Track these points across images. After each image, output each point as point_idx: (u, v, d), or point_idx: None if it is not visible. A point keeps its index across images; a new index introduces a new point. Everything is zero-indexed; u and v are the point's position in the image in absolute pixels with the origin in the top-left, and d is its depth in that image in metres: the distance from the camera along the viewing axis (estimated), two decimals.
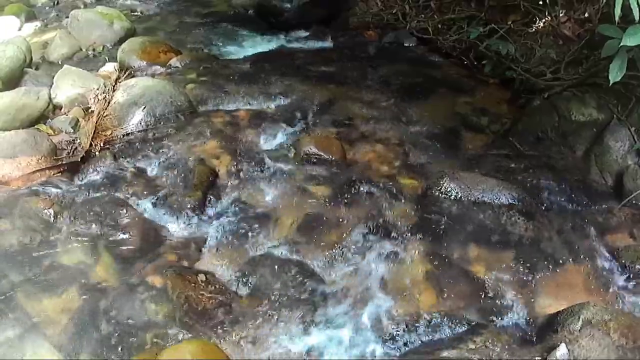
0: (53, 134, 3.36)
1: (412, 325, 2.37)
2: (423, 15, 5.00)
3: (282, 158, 3.29)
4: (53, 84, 3.70)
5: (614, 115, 3.26)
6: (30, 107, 3.43)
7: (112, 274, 2.54)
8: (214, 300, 2.43)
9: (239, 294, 2.50)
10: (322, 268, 2.63)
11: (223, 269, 2.62)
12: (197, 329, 2.32)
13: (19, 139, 3.11)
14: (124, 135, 3.43)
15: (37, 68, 4.39)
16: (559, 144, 3.41)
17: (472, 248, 2.72)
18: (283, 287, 2.51)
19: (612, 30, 2.85)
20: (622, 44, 2.68)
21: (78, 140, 3.32)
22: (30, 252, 2.60)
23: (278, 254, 2.69)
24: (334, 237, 2.77)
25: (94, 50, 4.87)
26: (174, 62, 4.45)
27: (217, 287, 2.51)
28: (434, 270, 2.61)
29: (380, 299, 2.48)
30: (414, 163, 3.34)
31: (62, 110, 3.60)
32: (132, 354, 2.20)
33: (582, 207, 3.01)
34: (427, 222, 2.85)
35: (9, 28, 5.33)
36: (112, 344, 2.23)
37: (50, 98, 3.59)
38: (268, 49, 4.97)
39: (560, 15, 3.88)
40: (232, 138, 3.43)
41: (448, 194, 2.97)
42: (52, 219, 2.77)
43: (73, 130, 3.40)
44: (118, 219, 2.78)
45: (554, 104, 3.50)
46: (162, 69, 4.36)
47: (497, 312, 2.44)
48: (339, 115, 3.77)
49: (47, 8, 6.24)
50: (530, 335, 2.32)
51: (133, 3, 6.22)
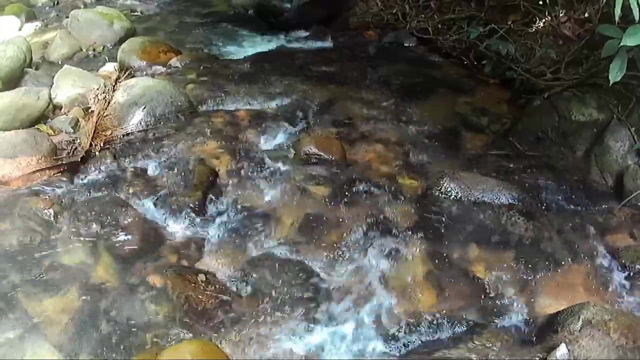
0: (53, 134, 3.36)
1: (412, 325, 2.38)
2: (423, 15, 5.00)
3: (282, 158, 3.29)
4: (53, 84, 3.70)
5: (614, 116, 3.27)
6: (31, 107, 3.43)
7: (112, 274, 2.54)
8: (214, 300, 2.43)
9: (239, 294, 2.50)
10: (322, 268, 2.63)
11: (223, 269, 2.62)
12: (197, 329, 2.32)
13: (19, 139, 3.11)
14: (124, 135, 3.43)
15: (37, 68, 4.39)
16: (559, 144, 3.41)
17: (472, 248, 2.72)
18: (283, 287, 2.51)
19: (612, 30, 2.85)
20: (622, 44, 2.68)
21: (78, 140, 3.32)
22: (31, 252, 2.60)
23: (278, 254, 2.69)
24: (334, 237, 2.77)
25: (94, 50, 4.87)
26: (174, 62, 4.45)
27: (217, 287, 2.51)
28: (434, 270, 2.61)
29: (381, 299, 2.48)
30: (414, 163, 3.34)
31: (62, 110, 3.60)
32: (132, 354, 2.20)
33: (582, 207, 3.02)
34: (427, 222, 2.85)
35: (9, 28, 5.34)
36: (112, 344, 2.23)
37: (51, 98, 3.59)
38: (268, 49, 4.97)
39: (560, 15, 3.88)
40: (232, 138, 3.43)
41: (448, 194, 2.97)
42: (52, 219, 2.77)
43: (73, 130, 3.40)
44: (118, 219, 2.78)
45: (554, 104, 3.50)
46: (162, 69, 4.36)
47: (497, 312, 2.44)
48: (339, 115, 3.77)
49: (47, 8, 6.25)
50: (530, 335, 2.31)
51: (133, 3, 6.22)
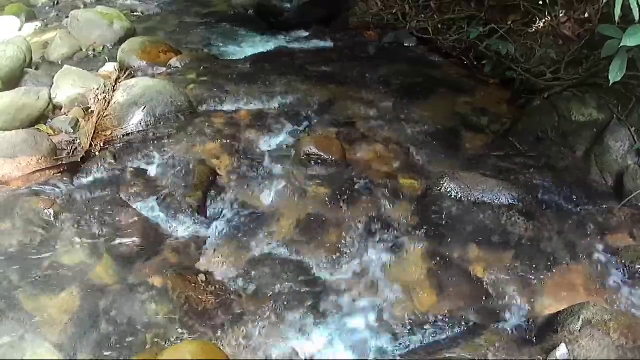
0: (53, 134, 3.35)
1: (412, 325, 2.38)
2: (423, 15, 5.00)
3: (282, 158, 3.29)
4: (53, 84, 3.69)
5: (614, 116, 3.26)
6: (31, 107, 3.43)
7: (112, 274, 2.54)
8: (215, 300, 2.43)
9: (240, 294, 2.50)
10: (322, 268, 2.63)
11: (223, 269, 2.62)
12: (197, 329, 2.32)
13: (19, 139, 3.11)
14: (124, 136, 3.43)
15: (37, 68, 4.39)
16: (559, 144, 3.41)
17: (472, 248, 2.72)
18: (283, 287, 2.51)
19: (612, 31, 2.85)
20: (622, 44, 2.68)
21: (78, 141, 3.32)
22: (31, 252, 2.60)
23: (278, 254, 2.69)
24: (334, 237, 2.77)
25: (94, 51, 4.87)
26: (174, 62, 4.45)
27: (217, 287, 2.51)
28: (435, 270, 2.61)
29: (381, 299, 2.49)
30: (414, 163, 3.34)
31: (62, 111, 3.60)
32: (132, 354, 2.20)
33: (582, 207, 3.02)
34: (427, 222, 2.85)
35: (9, 28, 5.33)
36: (112, 344, 2.23)
37: (51, 98, 3.59)
38: (268, 49, 4.97)
39: (561, 15, 3.88)
40: (232, 138, 3.43)
41: (448, 194, 2.97)
42: (52, 219, 2.77)
43: (73, 131, 3.40)
44: (118, 219, 2.78)
45: (554, 104, 3.50)
46: (162, 69, 4.36)
47: (497, 312, 2.44)
48: (339, 115, 3.77)
49: (47, 8, 6.25)
50: (530, 336, 2.31)
51: (133, 3, 6.21)
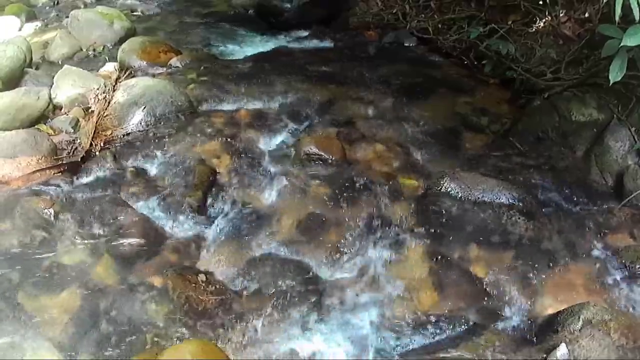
0: (53, 134, 3.36)
1: (412, 325, 2.38)
2: (423, 15, 5.00)
3: (282, 158, 3.29)
4: (53, 84, 3.70)
5: (614, 115, 3.26)
6: (31, 107, 3.43)
7: (112, 274, 2.54)
8: (215, 300, 2.43)
9: (240, 294, 2.50)
10: (322, 268, 2.63)
11: (224, 269, 2.62)
12: (197, 329, 2.32)
13: (19, 139, 3.11)
14: (124, 135, 3.43)
15: (37, 68, 4.39)
16: (559, 144, 3.40)
17: (472, 248, 2.72)
18: (283, 287, 2.51)
19: (612, 30, 2.85)
20: (622, 44, 2.68)
21: (78, 140, 3.32)
22: (31, 251, 2.61)
23: (278, 254, 2.69)
24: (334, 237, 2.77)
25: (94, 50, 4.87)
26: (174, 62, 4.45)
27: (217, 287, 2.51)
28: (435, 270, 2.61)
29: (381, 299, 2.49)
30: (414, 163, 3.34)
31: (62, 110, 3.60)
32: (132, 354, 2.20)
33: (582, 207, 3.01)
34: (427, 221, 2.84)
35: (9, 28, 5.33)
36: (112, 344, 2.23)
37: (51, 98, 3.59)
38: (268, 49, 4.96)
39: (561, 15, 3.88)
40: (232, 138, 3.42)
41: (448, 194, 2.97)
42: (52, 219, 2.77)
43: (73, 130, 3.40)
44: (118, 219, 2.78)
45: (554, 104, 3.50)
46: (162, 69, 4.36)
47: (497, 312, 2.44)
48: (339, 115, 3.77)
49: (47, 8, 6.25)
50: (531, 335, 2.32)
51: (133, 3, 6.21)
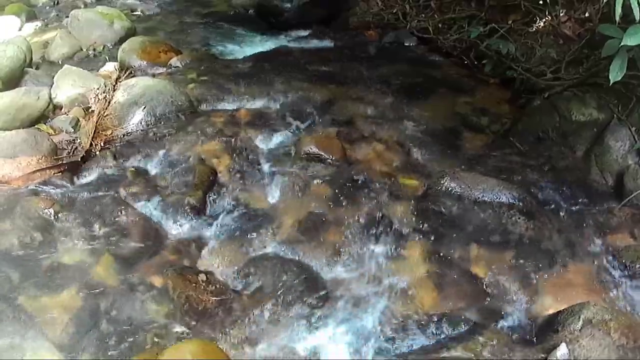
0: (53, 134, 3.36)
1: (412, 325, 2.37)
2: (423, 15, 4.99)
3: (282, 158, 3.29)
4: (53, 84, 3.70)
5: (615, 115, 3.26)
6: (31, 106, 3.43)
7: (112, 274, 2.53)
8: (215, 300, 2.43)
9: (240, 294, 2.50)
10: (322, 268, 2.63)
11: (224, 269, 2.62)
12: (197, 329, 2.32)
13: (19, 139, 3.11)
14: (125, 135, 3.43)
15: (37, 68, 4.39)
16: (560, 144, 3.40)
17: (472, 248, 2.72)
18: (284, 286, 2.51)
19: (612, 30, 2.85)
20: (622, 44, 2.68)
21: (78, 140, 3.32)
22: (31, 251, 2.60)
23: (278, 254, 2.69)
24: (335, 236, 2.77)
25: (95, 50, 4.87)
26: (175, 61, 4.45)
27: (217, 286, 2.51)
28: (435, 270, 2.61)
29: (381, 299, 2.48)
30: (415, 163, 3.34)
31: (62, 110, 3.60)
32: (132, 354, 2.20)
33: (582, 207, 3.01)
34: (427, 221, 2.84)
35: (10, 28, 5.33)
36: (112, 344, 2.23)
37: (51, 98, 3.59)
38: (268, 49, 4.96)
39: (561, 15, 3.88)
40: (232, 137, 3.42)
41: (449, 194, 2.97)
42: (52, 219, 2.77)
43: (73, 130, 3.40)
44: (118, 219, 2.78)
45: (555, 104, 3.50)
46: (162, 69, 4.36)
47: (497, 311, 2.44)
48: (339, 115, 3.76)
49: (47, 8, 6.25)
50: (531, 335, 2.32)
51: (133, 3, 6.22)
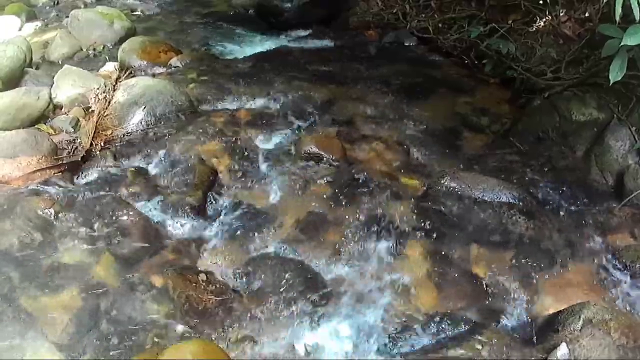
0: (53, 134, 3.36)
1: (412, 325, 2.37)
2: (423, 15, 4.99)
3: (282, 157, 3.29)
4: (53, 84, 3.70)
5: (615, 115, 3.26)
6: (31, 106, 3.43)
7: (112, 274, 2.53)
8: (215, 300, 2.43)
9: (240, 294, 2.50)
10: (322, 267, 2.63)
11: (224, 268, 2.62)
12: (198, 329, 2.32)
13: (20, 139, 3.11)
14: (125, 135, 3.43)
15: (37, 68, 4.39)
16: (560, 144, 3.40)
17: (472, 247, 2.72)
18: (284, 286, 2.51)
19: (612, 30, 2.85)
20: (622, 44, 2.68)
21: (78, 140, 3.32)
22: (31, 251, 2.60)
23: (279, 253, 2.69)
24: (335, 236, 2.77)
25: (95, 50, 4.87)
26: (175, 61, 4.45)
27: (218, 286, 2.51)
28: (435, 270, 2.61)
29: (381, 298, 2.48)
30: (415, 162, 3.34)
31: (62, 110, 3.60)
32: (132, 354, 2.20)
33: (582, 206, 3.01)
34: (427, 221, 2.84)
35: (10, 28, 5.34)
36: (112, 344, 2.23)
37: (51, 98, 3.59)
38: (268, 49, 4.97)
39: (561, 15, 3.88)
40: (232, 137, 3.42)
41: (449, 193, 2.97)
42: (52, 219, 2.77)
43: (73, 130, 3.41)
44: (118, 219, 2.78)
45: (555, 104, 3.50)
46: (162, 69, 4.37)
47: (497, 311, 2.44)
48: (339, 115, 3.77)
49: (47, 8, 6.25)
50: (531, 335, 2.31)
51: (133, 3, 6.22)
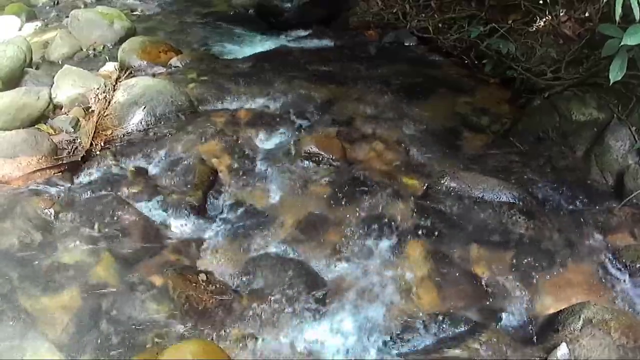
0: (53, 134, 3.36)
1: (412, 325, 2.37)
2: (423, 15, 4.99)
3: (282, 157, 3.29)
4: (53, 84, 3.70)
5: (615, 115, 3.26)
6: (31, 106, 3.43)
7: (112, 274, 2.53)
8: (215, 300, 2.43)
9: (240, 294, 2.50)
10: (322, 267, 2.63)
11: (224, 268, 2.62)
12: (198, 329, 2.32)
13: (20, 139, 3.11)
14: (125, 135, 3.44)
15: (37, 68, 4.39)
16: (560, 144, 3.40)
17: (472, 247, 2.72)
18: (284, 286, 2.51)
19: (612, 30, 2.85)
20: (622, 44, 2.68)
21: (78, 140, 3.32)
22: (31, 251, 2.60)
23: (278, 253, 2.69)
24: (335, 236, 2.77)
25: (95, 50, 4.87)
26: (175, 61, 4.45)
27: (217, 286, 2.51)
28: (435, 270, 2.61)
29: (381, 298, 2.48)
30: (415, 162, 3.34)
31: (62, 110, 3.60)
32: (132, 354, 2.20)
33: (582, 206, 3.01)
34: (427, 221, 2.84)
35: (10, 28, 5.34)
36: (112, 344, 2.23)
37: (51, 98, 3.59)
38: (268, 49, 4.97)
39: (561, 15, 3.88)
40: (232, 137, 3.42)
41: (449, 193, 2.97)
42: (52, 219, 2.77)
43: (73, 130, 3.41)
44: (118, 219, 2.78)
45: (555, 104, 3.50)
46: (162, 69, 4.36)
47: (497, 311, 2.44)
48: (339, 115, 3.76)
49: (47, 8, 6.25)
50: (531, 335, 2.32)
51: (133, 3, 6.22)
